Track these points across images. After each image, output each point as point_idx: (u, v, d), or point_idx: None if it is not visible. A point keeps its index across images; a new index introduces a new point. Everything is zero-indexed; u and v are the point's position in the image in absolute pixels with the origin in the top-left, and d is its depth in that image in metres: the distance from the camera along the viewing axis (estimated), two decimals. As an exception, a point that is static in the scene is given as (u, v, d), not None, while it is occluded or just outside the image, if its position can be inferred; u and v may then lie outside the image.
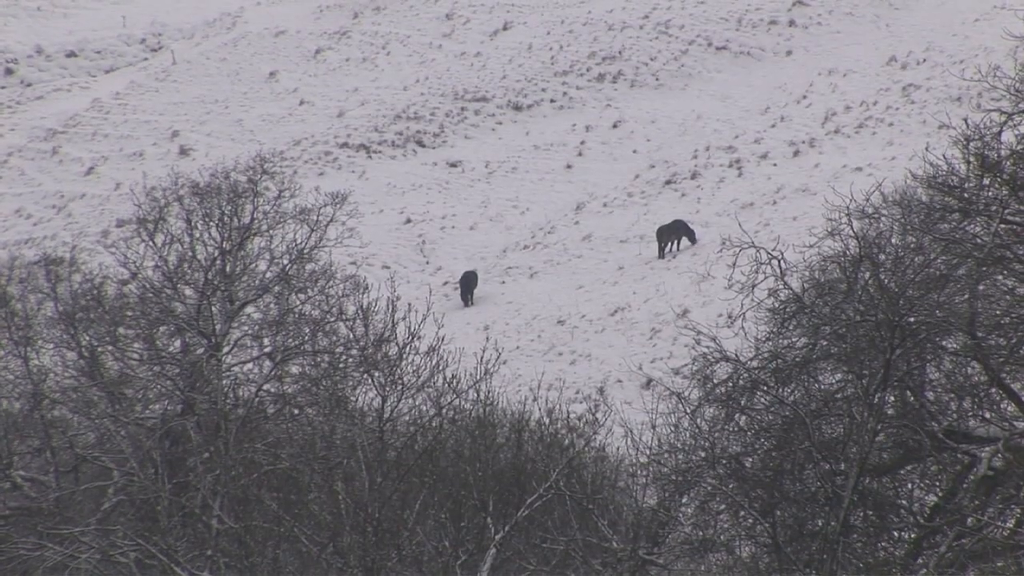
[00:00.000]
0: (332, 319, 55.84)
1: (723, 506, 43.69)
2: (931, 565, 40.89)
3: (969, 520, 41.22)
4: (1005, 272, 40.62)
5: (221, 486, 45.43)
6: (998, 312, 41.11)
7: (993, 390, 41.25)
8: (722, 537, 44.01)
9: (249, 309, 55.82)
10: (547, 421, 47.99)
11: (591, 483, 45.29)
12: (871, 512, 42.44)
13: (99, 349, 54.90)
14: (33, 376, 55.31)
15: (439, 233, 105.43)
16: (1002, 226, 40.32)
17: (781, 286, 44.20)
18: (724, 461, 43.18)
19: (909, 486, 43.09)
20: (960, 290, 41.07)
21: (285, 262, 56.19)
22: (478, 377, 49.44)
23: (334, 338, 55.45)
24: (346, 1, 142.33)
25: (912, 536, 42.23)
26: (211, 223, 55.76)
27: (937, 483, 42.43)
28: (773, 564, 41.94)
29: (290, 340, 55.63)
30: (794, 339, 43.42)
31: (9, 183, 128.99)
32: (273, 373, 55.24)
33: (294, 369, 55.50)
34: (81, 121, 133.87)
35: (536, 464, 42.63)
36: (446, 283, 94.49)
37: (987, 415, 41.61)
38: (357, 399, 51.74)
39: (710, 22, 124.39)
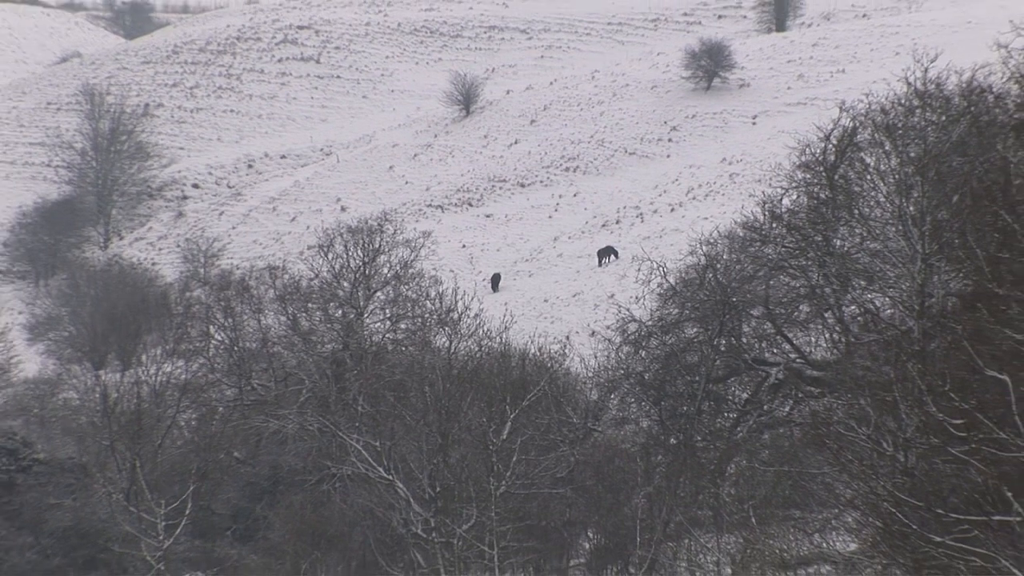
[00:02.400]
0: (423, 299, 55.80)
1: (633, 400, 43.63)
2: (744, 430, 40.83)
3: (765, 407, 41.20)
4: (785, 274, 40.48)
5: (363, 388, 45.33)
6: (781, 295, 41.02)
7: (778, 337, 41.14)
8: (632, 416, 43.93)
9: (378, 294, 55.75)
10: (538, 353, 47.84)
11: (562, 387, 45.18)
12: (712, 403, 42.36)
13: (298, 315, 54.86)
14: (262, 330, 55.30)
15: (480, 253, 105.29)
16: (782, 249, 40.22)
17: (664, 281, 44.16)
18: (633, 376, 43.12)
19: (733, 388, 42.99)
20: (760, 283, 40.98)
21: (397, 268, 56.09)
22: (501, 330, 49.42)
23: (423, 309, 55.39)
24: (430, 128, 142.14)
25: (734, 415, 42.16)
26: (357, 247, 55.65)
27: (748, 387, 42.35)
28: (660, 431, 41.83)
29: (400, 311, 55.57)
30: (671, 310, 43.31)
31: (250, 226, 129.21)
32: (391, 328, 55.21)
33: (402, 326, 55.42)
34: (288, 193, 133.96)
35: (532, 376, 42.50)
36: (484, 280, 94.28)
37: (774, 351, 41.53)
38: (436, 342, 51.67)
39: (626, 139, 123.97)
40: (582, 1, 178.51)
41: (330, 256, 55.86)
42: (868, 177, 36.78)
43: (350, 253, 55.48)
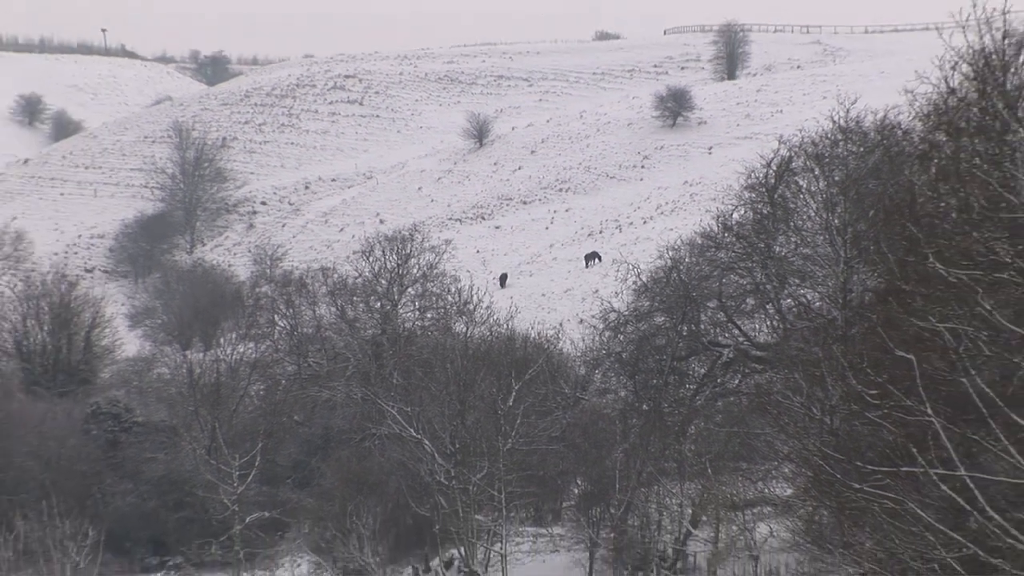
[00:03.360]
0: (445, 294, 55.72)
1: (612, 374, 43.49)
2: (702, 399, 40.69)
3: (719, 380, 41.06)
4: (734, 274, 40.31)
5: (397, 365, 45.25)
6: (731, 291, 40.85)
7: (729, 324, 40.99)
8: (612, 388, 43.80)
9: (409, 289, 55.69)
10: (537, 337, 47.81)
11: (556, 364, 45.11)
12: (676, 377, 42.17)
13: (345, 306, 54.83)
14: (316, 318, 55.29)
15: (490, 256, 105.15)
16: (732, 253, 40.04)
17: (638, 279, 44.04)
18: (613, 355, 43.00)
19: (693, 365, 42.80)
20: (715, 281, 40.83)
21: (425, 269, 56.05)
22: (507, 319, 49.37)
23: (445, 302, 55.32)
24: (451, 157, 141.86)
25: (694, 387, 42.00)
26: (393, 252, 55.68)
27: (705, 364, 42.15)
28: (634, 400, 41.71)
29: (426, 303, 55.52)
30: (644, 302, 43.16)
31: (307, 235, 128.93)
32: (419, 317, 55.17)
33: (428, 315, 55.39)
34: (337, 208, 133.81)
35: (532, 355, 42.45)
36: (494, 278, 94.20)
37: (726, 335, 41.37)
38: (456, 328, 51.62)
39: (608, 165, 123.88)
40: (572, 56, 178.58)
41: (371, 259, 55.97)
42: (801, 196, 36.80)
43: (387, 257, 55.58)
